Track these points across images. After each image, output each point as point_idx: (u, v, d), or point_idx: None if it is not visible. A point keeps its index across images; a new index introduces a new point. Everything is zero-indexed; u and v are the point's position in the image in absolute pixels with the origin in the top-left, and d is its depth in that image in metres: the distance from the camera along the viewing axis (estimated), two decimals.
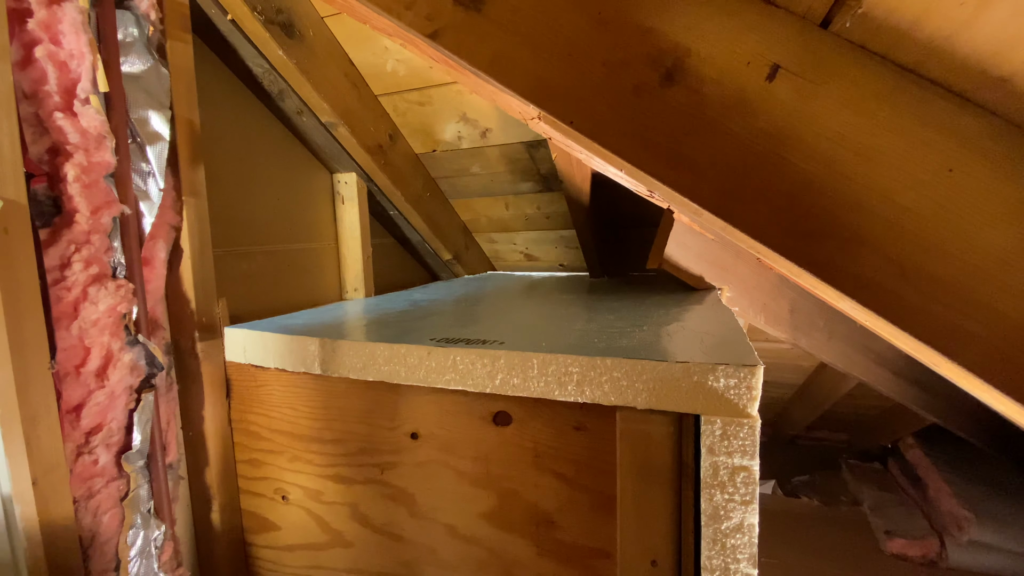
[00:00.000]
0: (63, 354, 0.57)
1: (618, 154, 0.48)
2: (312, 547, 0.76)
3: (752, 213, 0.44)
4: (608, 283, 1.32)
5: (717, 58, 0.45)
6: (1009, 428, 1.34)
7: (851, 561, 1.53)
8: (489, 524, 0.63)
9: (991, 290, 0.39)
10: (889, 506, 1.73)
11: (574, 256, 1.51)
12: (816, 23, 0.42)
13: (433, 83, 1.00)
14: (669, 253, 1.00)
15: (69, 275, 0.57)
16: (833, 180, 0.42)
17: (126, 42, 0.63)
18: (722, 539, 0.49)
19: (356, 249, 1.17)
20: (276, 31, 0.81)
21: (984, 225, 0.39)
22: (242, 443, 0.79)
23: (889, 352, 1.20)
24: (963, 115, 0.40)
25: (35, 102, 0.55)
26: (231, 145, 0.90)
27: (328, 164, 1.13)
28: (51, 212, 0.57)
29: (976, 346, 0.39)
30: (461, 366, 0.59)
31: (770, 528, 1.64)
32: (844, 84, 0.42)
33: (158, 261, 0.68)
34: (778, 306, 1.09)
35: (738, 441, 0.48)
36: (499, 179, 1.26)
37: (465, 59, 0.52)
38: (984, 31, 0.33)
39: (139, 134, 0.66)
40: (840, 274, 0.42)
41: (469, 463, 0.64)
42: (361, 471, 0.71)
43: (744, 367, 0.47)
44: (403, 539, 0.69)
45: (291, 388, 0.74)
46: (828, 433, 2.19)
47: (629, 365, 0.51)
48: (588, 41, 0.48)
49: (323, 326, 0.77)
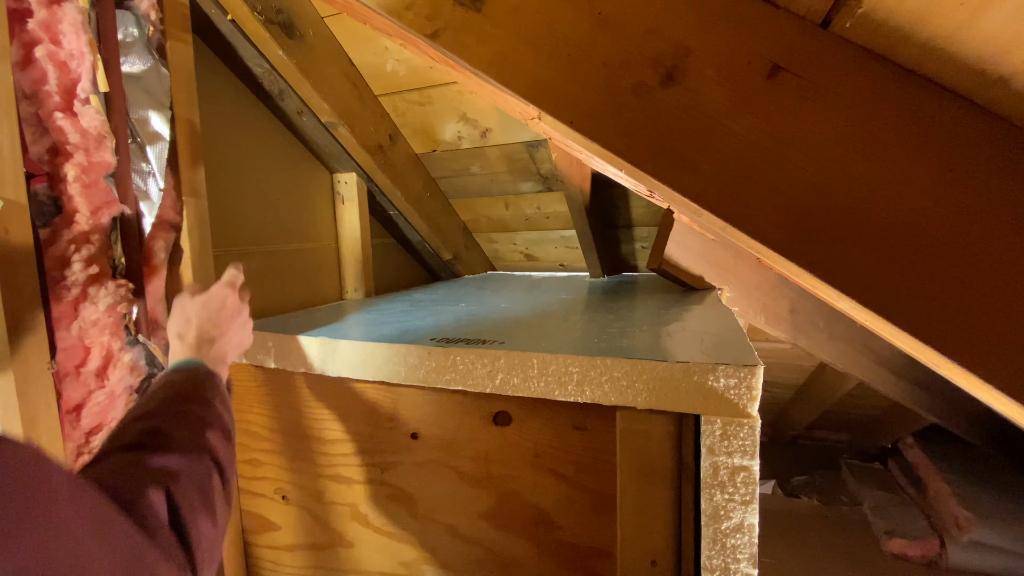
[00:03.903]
0: (63, 354, 0.57)
1: (618, 154, 0.48)
2: (312, 547, 0.76)
3: (752, 213, 0.44)
4: (608, 283, 1.32)
5: (717, 58, 0.45)
6: (1009, 428, 1.34)
7: (851, 561, 1.54)
8: (489, 524, 0.63)
9: (991, 290, 0.39)
10: (889, 506, 1.73)
11: (574, 256, 1.50)
12: (816, 23, 0.42)
13: (433, 83, 0.99)
14: (669, 253, 1.00)
15: (69, 275, 0.57)
16: (833, 180, 0.42)
17: (126, 42, 0.63)
18: (722, 539, 0.49)
19: (356, 249, 1.17)
20: (276, 31, 0.81)
21: (984, 225, 0.39)
22: (242, 443, 0.79)
23: (889, 352, 1.20)
24: (963, 115, 0.40)
25: (35, 102, 0.55)
26: (231, 145, 0.90)
27: (328, 164, 1.13)
28: (51, 212, 0.57)
29: (976, 346, 0.39)
30: (461, 366, 0.59)
31: (770, 528, 1.64)
32: (844, 84, 0.42)
33: (158, 261, 0.68)
34: (778, 306, 1.09)
35: (738, 441, 0.48)
36: (499, 179, 1.26)
37: (465, 59, 0.52)
38: (984, 31, 0.33)
39: (139, 134, 0.65)
40: (840, 274, 0.42)
41: (469, 463, 0.64)
42: (361, 471, 0.71)
43: (744, 367, 0.47)
44: (403, 539, 0.69)
45: (291, 388, 0.74)
46: (828, 433, 2.19)
47: (629, 365, 0.51)
48: (588, 41, 0.48)
49: (323, 326, 0.77)
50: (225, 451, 0.45)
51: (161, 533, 0.34)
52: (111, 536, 0.29)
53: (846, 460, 2.07)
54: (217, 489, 0.41)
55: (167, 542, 0.34)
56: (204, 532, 0.37)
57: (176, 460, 0.39)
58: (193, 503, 0.37)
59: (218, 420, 0.46)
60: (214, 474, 0.42)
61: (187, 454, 0.40)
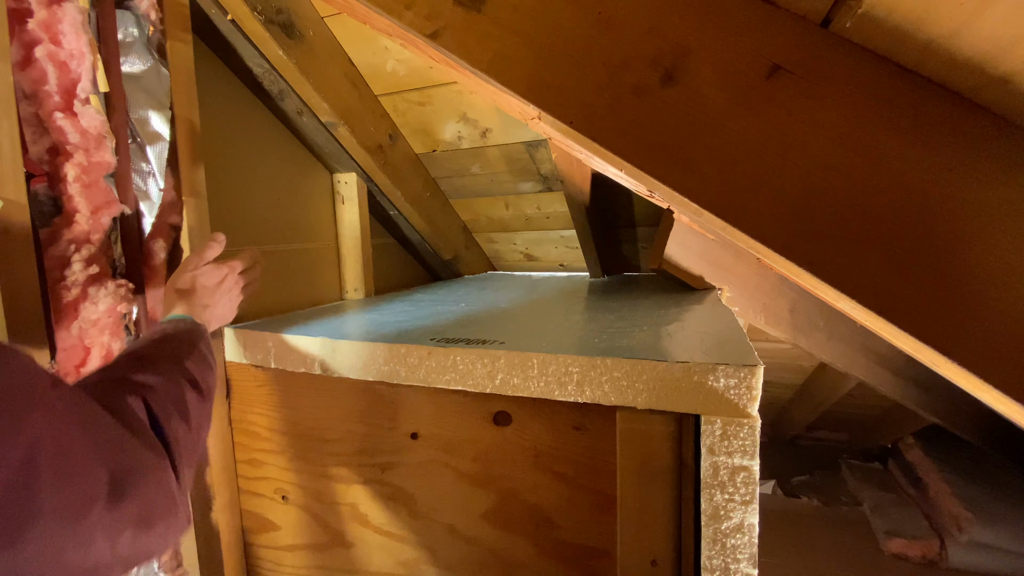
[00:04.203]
0: (63, 354, 0.57)
1: (618, 154, 0.48)
2: (312, 547, 0.76)
3: (752, 213, 0.44)
4: (608, 283, 1.32)
5: (717, 58, 0.45)
6: (1009, 428, 1.34)
7: (851, 561, 1.54)
8: (489, 524, 0.63)
9: (991, 290, 0.39)
10: (889, 506, 1.73)
11: (574, 256, 1.50)
12: (816, 23, 0.42)
13: (433, 83, 0.99)
14: (669, 253, 1.00)
15: (69, 275, 0.57)
16: (833, 180, 0.42)
17: (126, 42, 0.63)
18: (722, 539, 0.49)
19: (356, 249, 1.17)
20: (276, 31, 0.81)
21: (984, 225, 0.39)
22: (242, 443, 0.79)
23: (889, 352, 1.20)
24: (964, 115, 0.40)
25: (35, 102, 0.55)
26: (231, 145, 0.90)
27: (328, 164, 1.13)
28: (51, 212, 0.57)
29: (976, 346, 0.39)
30: (461, 366, 0.59)
31: (770, 528, 1.64)
32: (844, 84, 0.42)
33: (158, 261, 0.68)
34: (778, 306, 1.09)
35: (738, 441, 0.48)
36: (499, 179, 1.26)
37: (465, 59, 0.52)
38: (984, 30, 0.33)
39: (139, 134, 0.66)
40: (840, 274, 0.42)
41: (469, 463, 0.64)
42: (361, 471, 0.71)
43: (744, 367, 0.47)
44: (403, 539, 0.69)
45: (291, 388, 0.74)
46: (828, 433, 2.19)
47: (629, 365, 0.51)
48: (588, 41, 0.48)
49: (323, 326, 0.77)
50: (203, 375, 0.50)
51: (142, 429, 0.39)
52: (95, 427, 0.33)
53: (846, 460, 2.07)
54: (193, 402, 0.46)
55: (148, 436, 0.39)
56: (180, 434, 0.42)
57: (153, 378, 0.44)
58: (167, 409, 0.42)
59: (198, 353, 0.51)
60: (189, 390, 0.46)
61: (164, 374, 0.45)
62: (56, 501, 0.28)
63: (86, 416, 0.33)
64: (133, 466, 0.35)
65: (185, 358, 0.49)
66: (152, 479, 0.37)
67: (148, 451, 0.38)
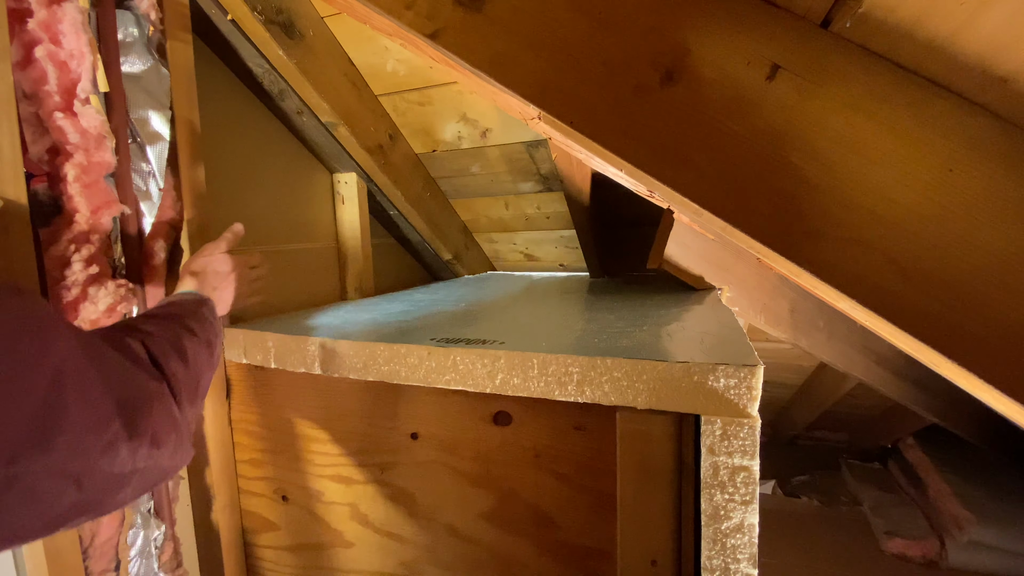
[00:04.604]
0: None
1: (618, 154, 0.48)
2: (312, 547, 0.76)
3: (752, 213, 0.44)
4: (608, 283, 1.32)
5: (717, 58, 0.45)
6: (1009, 428, 1.34)
7: (851, 561, 1.53)
8: (489, 524, 0.63)
9: (991, 290, 0.39)
10: (889, 506, 1.73)
11: (574, 256, 1.50)
12: (816, 23, 0.42)
13: (433, 83, 0.99)
14: (669, 253, 1.00)
15: (69, 275, 0.57)
16: (833, 180, 0.42)
17: (126, 42, 0.63)
18: (722, 539, 0.49)
19: (356, 249, 1.17)
20: (276, 31, 0.81)
21: (984, 225, 0.39)
22: (242, 443, 0.79)
23: (889, 352, 1.20)
24: (963, 115, 0.40)
25: (35, 102, 0.55)
26: (231, 145, 0.90)
27: (328, 164, 1.13)
28: (51, 212, 0.57)
29: (976, 346, 0.39)
30: (461, 366, 0.59)
31: (770, 528, 1.64)
32: (844, 84, 0.42)
33: (158, 261, 0.68)
34: (778, 306, 1.09)
35: (738, 441, 0.48)
36: (499, 179, 1.26)
37: (465, 59, 0.52)
38: (984, 31, 0.33)
39: (139, 134, 0.66)
40: (840, 274, 0.42)
41: (469, 463, 0.64)
42: (361, 471, 0.71)
43: (744, 367, 0.47)
44: (403, 539, 0.69)
45: (291, 388, 0.74)
46: (828, 433, 2.19)
47: (629, 365, 0.51)
48: (588, 41, 0.48)
49: (323, 326, 0.77)
50: (202, 329, 0.53)
51: (144, 363, 0.43)
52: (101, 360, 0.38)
53: (846, 460, 2.07)
54: (191, 346, 0.50)
55: (150, 369, 0.43)
56: (177, 371, 0.46)
57: (152, 327, 0.48)
58: (165, 350, 0.46)
59: (199, 315, 0.55)
60: (187, 336, 0.50)
61: (162, 325, 0.49)
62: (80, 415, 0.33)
63: (95, 350, 0.38)
64: (138, 393, 0.40)
65: (186, 317, 0.53)
66: (156, 405, 0.41)
67: (150, 380, 0.42)
